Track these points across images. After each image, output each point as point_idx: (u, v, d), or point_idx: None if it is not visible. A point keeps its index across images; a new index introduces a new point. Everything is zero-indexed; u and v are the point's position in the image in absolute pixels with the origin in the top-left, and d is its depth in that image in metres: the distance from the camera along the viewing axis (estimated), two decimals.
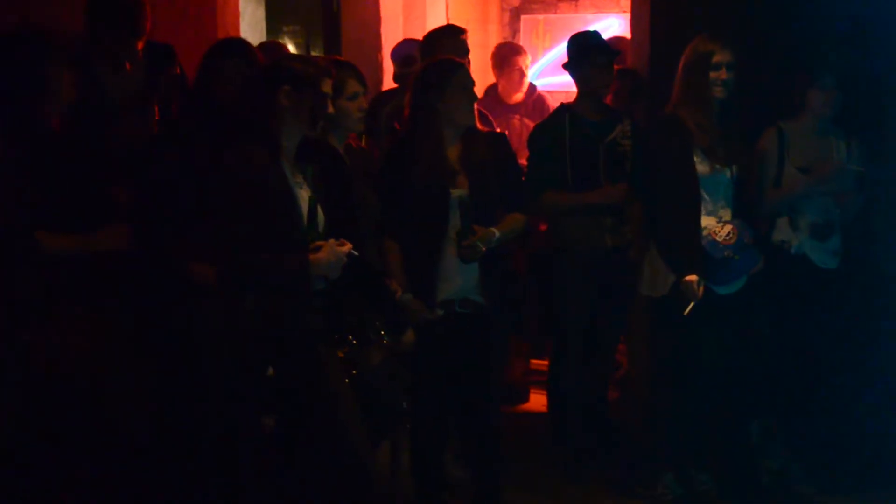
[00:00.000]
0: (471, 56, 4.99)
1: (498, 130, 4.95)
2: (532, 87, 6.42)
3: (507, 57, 6.25)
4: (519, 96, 6.29)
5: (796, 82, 4.58)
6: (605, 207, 4.70)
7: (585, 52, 4.73)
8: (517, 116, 6.12)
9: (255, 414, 3.60)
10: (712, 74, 4.33)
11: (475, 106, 4.21)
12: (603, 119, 4.78)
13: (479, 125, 4.27)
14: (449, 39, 4.92)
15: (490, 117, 5.04)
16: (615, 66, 4.82)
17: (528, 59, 6.41)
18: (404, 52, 5.52)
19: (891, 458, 4.68)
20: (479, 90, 4.37)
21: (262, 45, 5.52)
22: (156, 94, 4.35)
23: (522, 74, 6.28)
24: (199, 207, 3.59)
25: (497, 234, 4.12)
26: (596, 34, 4.91)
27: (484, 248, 4.06)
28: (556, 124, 4.79)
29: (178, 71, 4.45)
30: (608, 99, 4.90)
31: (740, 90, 4.39)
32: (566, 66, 4.85)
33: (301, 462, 3.57)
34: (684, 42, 4.46)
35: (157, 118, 4.36)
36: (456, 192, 4.10)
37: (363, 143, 4.53)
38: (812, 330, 4.56)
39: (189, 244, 3.71)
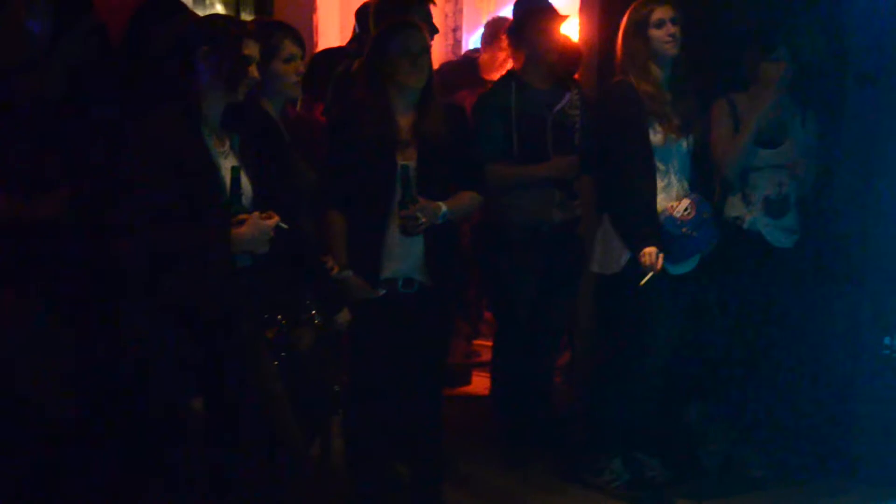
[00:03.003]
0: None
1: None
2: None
3: (496, 33, 6.04)
4: (497, 75, 6.07)
5: (747, 54, 4.48)
6: (553, 181, 4.52)
7: (529, 17, 4.55)
8: None
9: (181, 396, 3.46)
10: (657, 32, 4.19)
11: (430, 73, 3.98)
12: (551, 88, 4.60)
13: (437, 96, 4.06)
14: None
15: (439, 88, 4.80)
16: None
17: None
18: None
19: (843, 446, 4.61)
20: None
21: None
22: (67, 46, 4.01)
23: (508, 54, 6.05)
24: (119, 178, 3.35)
25: (444, 208, 3.91)
26: None
27: (425, 220, 3.84)
28: (501, 93, 4.60)
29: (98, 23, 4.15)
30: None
31: (691, 62, 4.26)
32: (510, 32, 4.65)
33: (228, 446, 3.41)
34: None
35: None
36: (403, 163, 3.89)
37: (298, 108, 4.28)
38: (763, 312, 4.48)
39: (115, 219, 3.47)
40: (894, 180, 4.53)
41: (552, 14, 4.58)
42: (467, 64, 6.15)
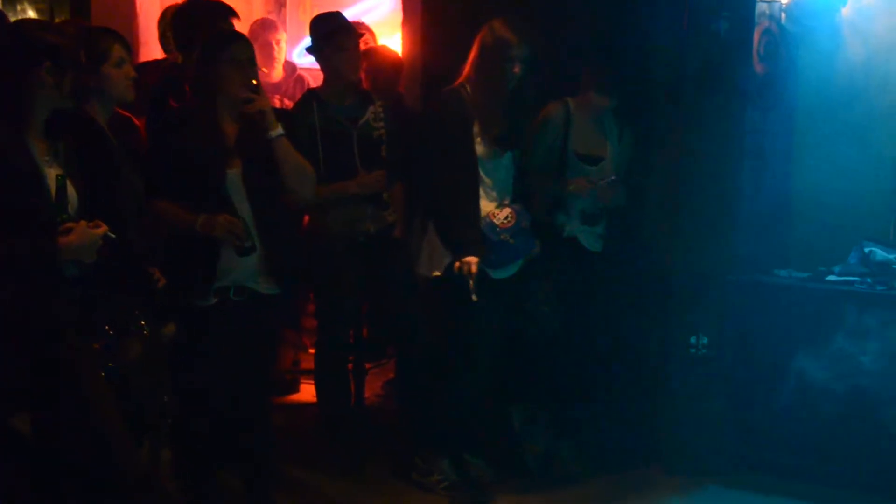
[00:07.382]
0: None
1: None
2: (291, 66, 6.26)
3: (258, 34, 6.04)
4: (276, 75, 6.11)
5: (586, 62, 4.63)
6: (363, 196, 4.58)
7: (328, 36, 4.59)
8: (277, 97, 5.92)
9: (4, 412, 3.32)
10: (508, 66, 4.28)
11: (254, 83, 3.97)
12: (352, 103, 4.65)
13: None
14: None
15: None
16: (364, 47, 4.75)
17: (283, 35, 6.23)
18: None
19: (654, 440, 4.85)
20: None
21: None
22: None
23: (276, 52, 6.09)
24: None
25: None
26: (339, 15, 4.73)
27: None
28: (303, 112, 4.60)
29: None
30: (365, 82, 4.76)
31: (535, 70, 4.36)
32: (310, 51, 4.69)
33: (55, 462, 3.32)
34: (456, 23, 4.39)
35: None
36: (231, 172, 3.90)
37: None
38: (582, 314, 4.65)
39: None
40: (697, 191, 4.76)
41: (348, 31, 4.62)
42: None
